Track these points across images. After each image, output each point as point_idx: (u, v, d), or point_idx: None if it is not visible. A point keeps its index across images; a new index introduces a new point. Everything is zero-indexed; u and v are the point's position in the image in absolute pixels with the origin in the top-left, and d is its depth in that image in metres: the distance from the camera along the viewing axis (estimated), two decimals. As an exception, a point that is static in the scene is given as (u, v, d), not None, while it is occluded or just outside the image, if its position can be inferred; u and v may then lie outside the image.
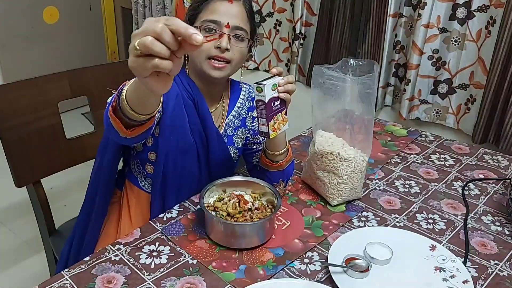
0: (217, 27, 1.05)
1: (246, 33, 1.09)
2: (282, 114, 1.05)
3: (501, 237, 1.08)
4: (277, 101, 1.03)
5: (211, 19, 1.05)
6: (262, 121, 1.03)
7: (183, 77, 1.13)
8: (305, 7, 2.20)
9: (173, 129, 1.09)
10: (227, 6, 1.06)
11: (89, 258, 0.96)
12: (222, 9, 1.05)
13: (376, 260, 0.97)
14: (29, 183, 1.33)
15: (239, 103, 1.24)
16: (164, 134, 1.09)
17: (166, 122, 1.07)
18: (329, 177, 1.15)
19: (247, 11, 1.09)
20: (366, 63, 1.16)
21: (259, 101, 1.01)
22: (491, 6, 1.67)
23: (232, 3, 1.06)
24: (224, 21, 1.05)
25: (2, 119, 1.24)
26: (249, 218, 1.03)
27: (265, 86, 0.99)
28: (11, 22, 2.94)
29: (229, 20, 1.05)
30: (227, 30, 1.05)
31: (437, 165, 1.40)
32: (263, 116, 1.02)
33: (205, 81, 1.12)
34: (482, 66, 1.75)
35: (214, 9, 1.06)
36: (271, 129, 1.03)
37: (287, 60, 2.40)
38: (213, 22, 1.05)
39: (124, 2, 3.22)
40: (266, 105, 1.00)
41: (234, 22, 1.06)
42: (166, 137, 1.09)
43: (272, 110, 1.02)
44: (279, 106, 1.04)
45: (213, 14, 1.05)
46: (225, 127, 1.21)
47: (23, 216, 2.23)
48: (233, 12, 1.06)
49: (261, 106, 1.02)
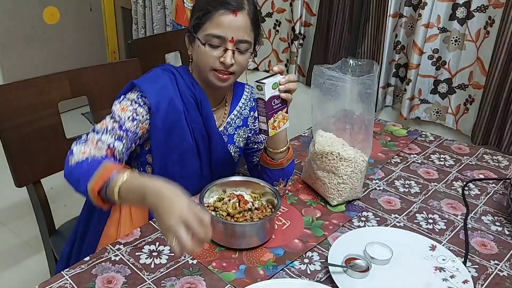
0: (221, 42, 1.05)
1: (249, 44, 1.08)
2: (283, 112, 1.06)
3: (501, 237, 1.08)
4: (278, 100, 1.03)
5: (215, 34, 1.04)
6: (261, 119, 1.04)
7: (186, 76, 1.13)
8: (304, 7, 2.20)
9: (169, 131, 1.09)
10: (232, 19, 1.04)
11: (89, 258, 0.96)
12: (226, 22, 1.04)
13: (376, 260, 0.97)
14: (29, 183, 1.33)
15: (241, 103, 1.24)
16: (157, 137, 1.09)
17: (159, 126, 1.07)
18: (329, 177, 1.15)
19: (251, 20, 1.07)
20: (366, 63, 1.16)
21: (259, 99, 1.02)
22: (490, 6, 1.67)
23: (237, 15, 1.04)
24: (228, 36, 1.04)
25: (2, 119, 1.24)
26: (249, 218, 1.03)
27: (265, 84, 0.99)
28: (11, 22, 2.94)
29: (233, 34, 1.04)
30: (231, 45, 1.05)
31: (437, 165, 1.40)
32: (263, 114, 1.03)
33: (208, 85, 1.12)
34: (480, 67, 1.75)
35: (218, 22, 1.04)
36: (270, 127, 1.04)
37: (286, 60, 2.40)
38: (217, 37, 1.04)
39: (124, 2, 3.21)
40: (266, 103, 1.01)
41: (238, 36, 1.05)
42: (160, 141, 1.09)
43: (272, 108, 1.03)
44: (280, 104, 1.04)
45: (218, 28, 1.04)
46: (225, 125, 1.21)
47: (23, 216, 2.23)
48: (238, 25, 1.04)
49: (261, 104, 1.02)
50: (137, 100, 1.07)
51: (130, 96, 1.07)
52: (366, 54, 2.05)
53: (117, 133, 1.02)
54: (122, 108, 1.05)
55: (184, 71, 1.14)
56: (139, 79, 1.10)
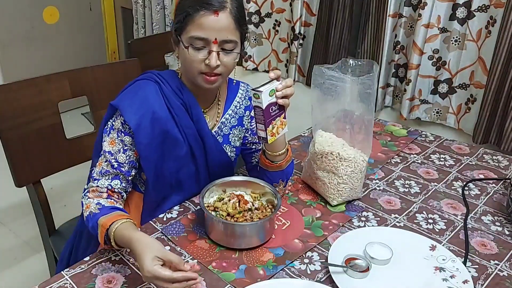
0: (205, 43, 1.02)
1: (235, 43, 1.05)
2: (281, 118, 1.04)
3: (501, 237, 1.08)
4: (275, 106, 1.02)
5: (198, 36, 1.01)
6: (260, 126, 1.02)
7: (172, 80, 1.11)
8: (304, 7, 2.20)
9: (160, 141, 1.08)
10: (213, 19, 1.00)
11: (89, 258, 0.96)
12: (208, 23, 1.00)
13: (376, 260, 0.97)
14: (29, 183, 1.33)
15: (236, 101, 1.23)
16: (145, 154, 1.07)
17: (144, 142, 1.06)
18: (329, 177, 1.15)
19: (235, 19, 1.03)
20: (366, 63, 1.16)
21: (256, 107, 1.00)
22: (491, 6, 1.67)
23: (218, 15, 1.01)
24: (211, 38, 1.01)
25: (2, 119, 1.24)
26: (249, 218, 1.03)
27: (262, 92, 0.97)
28: (11, 22, 2.94)
29: (216, 36, 1.01)
30: (215, 47, 1.02)
31: (437, 165, 1.40)
32: (261, 122, 1.01)
33: (197, 86, 1.11)
34: (482, 66, 1.75)
35: (200, 23, 1.01)
36: (269, 135, 1.02)
37: (286, 60, 2.40)
38: (200, 40, 1.01)
39: (124, 2, 3.22)
40: (264, 111, 0.99)
41: (222, 36, 1.02)
42: (148, 156, 1.08)
43: (270, 115, 1.01)
44: (277, 111, 1.03)
45: (200, 30, 1.01)
46: (220, 125, 1.20)
47: (23, 216, 2.23)
48: (220, 25, 1.01)
49: (258, 112, 1.00)
50: (122, 128, 1.06)
51: (115, 125, 1.07)
52: (366, 54, 2.05)
53: (112, 172, 1.07)
54: (111, 142, 1.07)
55: (170, 76, 1.12)
56: (118, 98, 1.08)
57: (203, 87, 1.07)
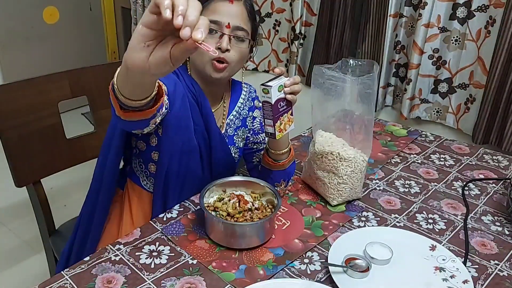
0: (217, 27, 1.05)
1: (247, 34, 1.08)
2: (288, 114, 1.06)
3: (501, 237, 1.08)
4: (283, 102, 1.03)
5: (211, 19, 1.04)
6: (268, 122, 1.03)
7: (185, 76, 1.12)
8: (304, 7, 2.20)
9: (178, 129, 1.09)
10: (228, 6, 1.06)
11: (89, 258, 0.96)
12: (222, 9, 1.05)
13: (376, 260, 0.97)
14: (29, 183, 1.33)
15: (240, 103, 1.24)
16: (168, 134, 1.08)
17: (171, 122, 1.07)
18: (329, 177, 1.15)
19: (248, 11, 1.09)
20: (366, 63, 1.16)
21: (265, 103, 1.01)
22: (491, 6, 1.68)
23: (233, 3, 1.06)
24: (224, 21, 1.04)
25: (2, 119, 1.24)
26: (249, 218, 1.03)
27: (271, 87, 0.99)
28: (11, 22, 2.94)
29: (229, 20, 1.05)
30: (228, 31, 1.05)
31: (437, 165, 1.40)
32: (269, 117, 1.02)
33: (206, 81, 1.12)
34: (481, 66, 1.75)
35: (214, 9, 1.05)
36: (277, 130, 1.04)
37: (286, 60, 2.40)
38: (214, 23, 1.04)
39: (124, 2, 3.22)
40: (273, 106, 1.00)
41: (234, 22, 1.05)
42: (170, 137, 1.09)
43: (278, 111, 1.02)
44: (285, 107, 1.04)
45: (214, 14, 1.05)
46: (226, 127, 1.21)
47: (23, 216, 2.23)
48: (234, 12, 1.06)
49: (267, 108, 1.01)
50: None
51: None
52: (366, 54, 2.05)
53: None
54: None
55: (183, 71, 1.14)
56: None
57: (211, 77, 1.08)
